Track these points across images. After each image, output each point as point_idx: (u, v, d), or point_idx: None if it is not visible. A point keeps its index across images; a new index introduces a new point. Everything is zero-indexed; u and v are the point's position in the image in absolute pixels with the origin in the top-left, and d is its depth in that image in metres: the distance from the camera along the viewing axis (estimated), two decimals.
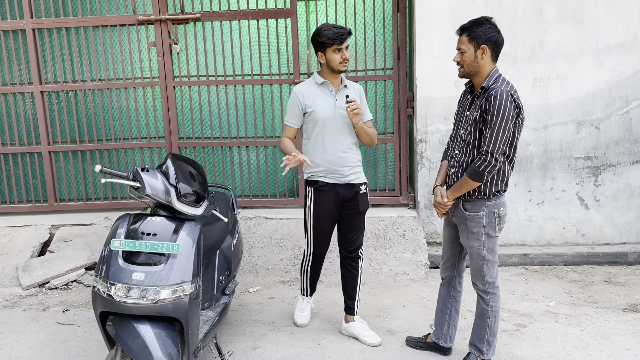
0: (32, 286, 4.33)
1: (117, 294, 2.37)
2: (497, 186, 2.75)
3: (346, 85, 3.32)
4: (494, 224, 2.78)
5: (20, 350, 3.36)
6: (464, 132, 2.80)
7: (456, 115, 2.96)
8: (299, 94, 3.29)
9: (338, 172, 3.28)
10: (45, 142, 5.15)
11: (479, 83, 2.76)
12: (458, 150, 2.84)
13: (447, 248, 3.07)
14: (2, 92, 5.12)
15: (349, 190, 3.32)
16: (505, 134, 2.62)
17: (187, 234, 2.54)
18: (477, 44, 2.67)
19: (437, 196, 2.88)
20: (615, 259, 4.58)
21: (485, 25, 2.68)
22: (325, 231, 3.42)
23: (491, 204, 2.77)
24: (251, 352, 3.24)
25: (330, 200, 3.31)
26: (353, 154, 3.32)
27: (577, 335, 3.34)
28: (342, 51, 3.17)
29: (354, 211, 3.37)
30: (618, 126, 4.63)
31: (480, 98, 2.71)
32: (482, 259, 2.81)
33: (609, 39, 4.53)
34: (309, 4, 4.98)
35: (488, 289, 2.85)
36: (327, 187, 3.30)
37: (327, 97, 3.28)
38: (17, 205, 5.30)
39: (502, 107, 2.59)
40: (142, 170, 2.55)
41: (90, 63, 5.10)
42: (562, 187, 4.74)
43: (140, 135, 5.19)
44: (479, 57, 2.68)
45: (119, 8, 5.02)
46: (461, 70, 2.77)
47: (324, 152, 3.27)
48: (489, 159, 2.63)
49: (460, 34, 2.73)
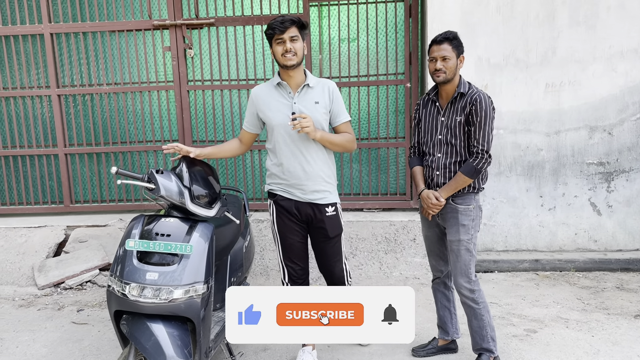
0: (47, 286, 4.41)
1: (131, 293, 2.42)
2: (482, 181, 2.94)
3: (308, 84, 2.87)
4: (479, 217, 2.97)
5: (35, 349, 3.42)
6: (445, 137, 2.92)
7: (424, 123, 3.04)
8: (253, 97, 2.95)
9: (298, 187, 2.90)
10: (61, 144, 5.24)
11: (451, 90, 2.91)
12: (440, 154, 2.95)
13: (434, 247, 3.16)
14: (21, 95, 5.23)
15: (312, 211, 2.92)
16: (492, 132, 2.84)
17: (200, 235, 2.58)
18: (458, 53, 2.85)
19: (431, 198, 2.94)
20: (628, 266, 4.55)
21: (458, 40, 2.87)
22: (296, 248, 2.98)
23: (478, 197, 2.97)
24: (262, 354, 3.27)
25: (294, 214, 2.94)
26: (318, 168, 2.89)
27: (588, 341, 3.33)
28: (285, 42, 2.75)
29: (324, 237, 2.98)
30: (631, 132, 4.61)
31: (460, 103, 2.86)
32: (469, 253, 2.92)
33: (622, 44, 4.52)
34: (321, 9, 5.03)
35: (474, 287, 2.94)
36: (286, 202, 2.94)
37: (284, 101, 2.88)
38: (34, 206, 5.39)
39: (488, 109, 2.81)
40: (157, 172, 2.60)
41: (106, 67, 5.19)
42: (575, 192, 4.73)
43: (154, 139, 5.26)
44: (458, 66, 2.87)
45: (134, 13, 5.10)
46: (442, 76, 2.86)
47: (280, 165, 2.91)
48: (485, 157, 2.82)
49: (442, 42, 2.84)
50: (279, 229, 3.00)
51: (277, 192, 2.98)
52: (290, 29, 2.77)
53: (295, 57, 2.78)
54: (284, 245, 3.00)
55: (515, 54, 4.57)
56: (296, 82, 2.88)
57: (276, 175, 2.96)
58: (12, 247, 4.82)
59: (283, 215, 2.97)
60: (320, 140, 2.84)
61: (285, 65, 2.80)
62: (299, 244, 3.00)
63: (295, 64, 2.80)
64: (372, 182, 5.18)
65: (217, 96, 5.17)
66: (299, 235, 3.00)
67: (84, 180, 5.39)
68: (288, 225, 2.96)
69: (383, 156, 5.10)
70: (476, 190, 2.91)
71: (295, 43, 2.78)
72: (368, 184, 5.19)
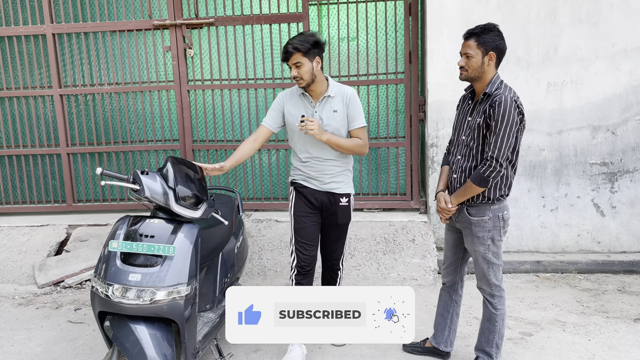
0: (47, 285, 4.45)
1: (115, 294, 2.43)
2: (501, 191, 2.76)
3: (330, 94, 3.08)
4: (499, 228, 2.78)
5: (30, 347, 3.45)
6: (466, 138, 2.79)
7: (456, 120, 2.95)
8: (284, 98, 3.17)
9: (317, 179, 3.14)
10: (64, 144, 5.28)
11: (481, 89, 2.77)
12: (460, 155, 2.84)
13: (449, 253, 3.06)
14: (23, 95, 5.28)
15: (328, 199, 3.16)
16: (510, 139, 2.62)
17: (184, 236, 2.58)
18: (486, 50, 2.68)
19: (441, 202, 2.87)
20: (632, 268, 4.46)
21: (494, 32, 2.68)
22: (307, 232, 3.17)
23: (495, 208, 2.77)
24: (252, 355, 3.26)
25: (310, 201, 3.16)
26: (334, 164, 3.14)
27: (584, 345, 3.27)
28: (292, 69, 2.97)
29: (333, 223, 3.23)
30: (635, 132, 4.52)
31: (483, 104, 2.71)
32: (488, 262, 2.81)
33: (625, 42, 4.43)
34: (321, 8, 5.01)
35: (495, 292, 2.85)
36: (306, 189, 3.17)
37: (307, 108, 3.11)
38: (37, 205, 5.44)
39: (507, 114, 2.59)
40: (142, 173, 2.61)
41: (107, 67, 5.22)
42: (577, 193, 4.65)
43: (155, 138, 5.28)
44: (486, 64, 2.69)
45: (135, 13, 5.12)
46: (464, 74, 2.77)
47: (300, 161, 3.17)
48: (494, 165, 2.63)
49: (468, 38, 2.73)
50: (295, 213, 3.20)
51: (298, 181, 3.21)
52: (292, 57, 2.94)
53: (302, 81, 2.98)
54: (296, 227, 3.18)
55: (516, 52, 4.50)
56: (317, 93, 3.09)
57: (298, 169, 3.21)
58: (15, 245, 4.87)
59: (300, 199, 3.19)
60: (327, 143, 3.03)
61: (300, 86, 3.05)
62: (311, 227, 3.18)
63: (304, 86, 3.03)
64: (372, 182, 5.14)
65: (217, 96, 5.17)
66: (312, 220, 3.19)
67: (86, 179, 5.43)
68: (304, 210, 3.17)
69: (383, 156, 5.06)
70: (491, 200, 2.74)
71: (300, 69, 2.95)
72: (368, 183, 5.16)
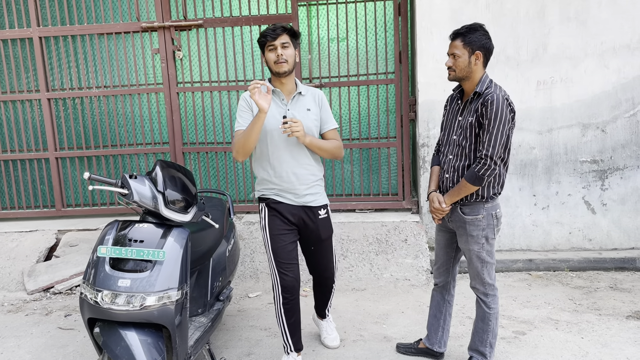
0: (36, 291, 4.40)
1: (104, 301, 2.39)
2: (494, 189, 2.76)
3: (301, 92, 2.95)
4: (492, 226, 2.79)
5: (19, 355, 3.40)
6: (458, 138, 2.79)
7: (445, 120, 2.94)
8: (249, 99, 2.91)
9: (291, 191, 2.92)
10: (52, 148, 5.23)
11: (470, 88, 2.77)
12: (452, 155, 2.83)
13: (441, 253, 3.05)
14: (10, 99, 5.22)
15: (306, 214, 2.97)
16: (503, 137, 2.63)
17: (174, 240, 2.55)
18: (472, 49, 2.68)
19: (434, 202, 2.86)
20: (623, 265, 4.48)
21: (480, 32, 2.69)
22: (288, 250, 2.94)
23: (489, 206, 2.77)
24: (245, 359, 3.23)
25: (287, 218, 2.95)
26: (310, 171, 2.96)
27: (577, 343, 3.27)
28: (277, 49, 2.80)
29: (317, 239, 3.05)
30: (625, 129, 4.54)
31: (474, 103, 2.72)
32: (482, 261, 2.80)
33: (614, 40, 4.44)
34: (310, 9, 4.99)
35: (488, 291, 2.85)
36: (279, 205, 2.94)
37: (278, 107, 2.91)
38: (25, 210, 5.38)
39: (500, 112, 2.60)
40: (130, 177, 2.57)
41: (95, 70, 5.17)
42: (568, 191, 4.66)
43: (144, 141, 5.24)
44: (473, 63, 2.70)
45: (123, 16, 5.08)
46: (452, 74, 2.78)
47: (273, 169, 2.91)
48: (488, 163, 2.63)
49: (454, 38, 2.73)
50: (271, 232, 2.95)
51: (269, 196, 2.97)
52: (281, 36, 2.82)
53: (286, 64, 2.83)
54: (275, 248, 2.94)
55: (505, 51, 4.51)
56: (288, 90, 2.95)
57: (267, 180, 2.95)
58: (3, 251, 4.81)
59: (276, 217, 2.95)
60: (309, 145, 2.88)
61: (278, 72, 2.85)
62: (290, 245, 2.97)
63: (287, 71, 2.85)
64: (364, 182, 5.13)
65: (207, 98, 5.14)
66: (291, 238, 2.98)
67: (75, 183, 5.38)
68: (280, 227, 2.95)
69: (374, 156, 5.05)
70: (485, 199, 2.74)
71: (286, 49, 2.83)
72: (360, 184, 5.15)
